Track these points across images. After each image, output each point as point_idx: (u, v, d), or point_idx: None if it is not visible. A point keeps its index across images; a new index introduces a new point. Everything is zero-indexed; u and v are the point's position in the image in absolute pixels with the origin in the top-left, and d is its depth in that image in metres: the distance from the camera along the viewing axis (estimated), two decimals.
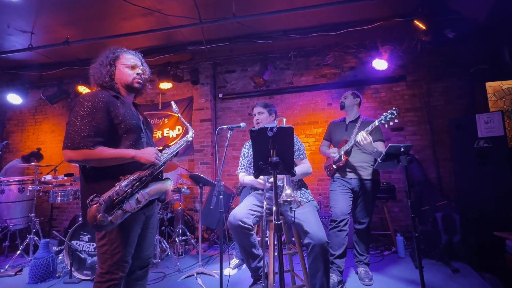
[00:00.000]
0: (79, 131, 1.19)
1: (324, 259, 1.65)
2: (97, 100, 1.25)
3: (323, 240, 1.64)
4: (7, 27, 3.33)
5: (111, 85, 1.39)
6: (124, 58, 1.42)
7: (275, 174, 1.09)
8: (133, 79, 1.41)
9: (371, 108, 4.09)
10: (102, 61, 1.41)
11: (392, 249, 3.19)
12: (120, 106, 1.33)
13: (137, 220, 1.33)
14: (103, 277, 1.28)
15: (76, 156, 1.20)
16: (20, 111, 5.32)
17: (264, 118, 2.09)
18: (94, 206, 1.11)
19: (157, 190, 1.35)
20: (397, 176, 3.90)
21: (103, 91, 1.34)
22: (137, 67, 1.44)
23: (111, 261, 1.26)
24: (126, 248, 1.29)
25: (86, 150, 1.19)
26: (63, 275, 2.76)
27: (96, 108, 1.23)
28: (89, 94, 1.28)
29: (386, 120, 2.07)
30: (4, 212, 3.43)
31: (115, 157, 1.25)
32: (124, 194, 1.19)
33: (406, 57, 3.91)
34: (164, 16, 3.19)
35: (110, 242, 1.26)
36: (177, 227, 3.43)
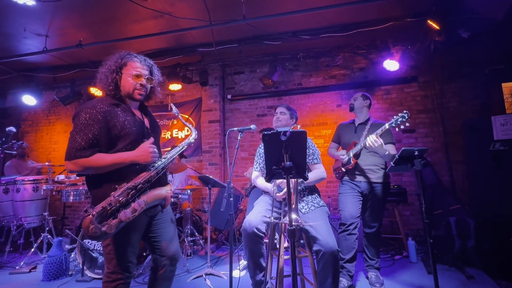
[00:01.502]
0: (75, 144, 1.21)
1: (334, 267, 1.63)
2: (95, 112, 1.26)
3: (334, 248, 1.61)
4: (23, 30, 3.42)
5: (115, 93, 1.38)
6: (130, 66, 1.40)
7: (288, 179, 1.08)
8: (134, 90, 1.38)
9: (382, 110, 4.03)
10: (110, 66, 1.39)
11: (403, 254, 3.13)
12: (120, 115, 1.32)
13: (139, 223, 1.33)
14: (109, 277, 1.31)
15: (74, 167, 1.22)
16: (35, 112, 5.47)
17: (285, 119, 2.09)
18: (87, 218, 1.13)
19: (155, 197, 1.34)
20: (408, 179, 3.83)
21: (103, 101, 1.33)
22: (142, 77, 1.40)
23: (115, 261, 1.29)
24: (128, 249, 1.32)
25: (82, 159, 1.21)
26: (75, 273, 2.82)
27: (93, 120, 1.24)
28: (88, 105, 1.29)
29: (397, 123, 2.03)
30: (19, 210, 3.53)
31: (113, 163, 1.25)
32: (118, 203, 1.19)
33: (418, 58, 3.83)
34: (175, 19, 3.22)
35: (113, 243, 1.29)
36: (185, 227, 3.45)
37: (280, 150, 1.11)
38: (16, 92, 4.94)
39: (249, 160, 4.44)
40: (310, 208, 1.88)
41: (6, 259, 3.34)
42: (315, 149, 2.07)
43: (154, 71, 1.49)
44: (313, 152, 2.04)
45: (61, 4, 2.83)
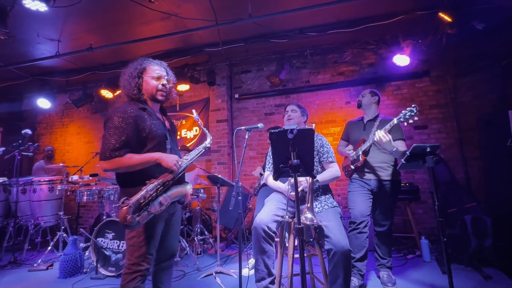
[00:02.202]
0: (109, 145, 1.34)
1: (345, 267, 1.60)
2: (126, 116, 1.38)
3: (346, 247, 1.59)
4: (36, 36, 3.53)
5: (139, 97, 1.50)
6: (150, 69, 1.52)
7: (296, 177, 1.07)
8: (157, 91, 1.51)
9: (392, 106, 3.94)
10: (131, 73, 1.51)
11: (416, 253, 3.06)
12: (147, 119, 1.45)
13: (161, 217, 1.46)
14: (130, 269, 1.40)
15: (109, 166, 1.35)
16: (49, 114, 5.65)
17: (297, 117, 2.07)
18: (124, 208, 1.26)
19: (178, 194, 1.47)
20: (421, 176, 3.73)
21: (131, 105, 1.46)
22: (162, 78, 1.53)
23: (138, 253, 1.40)
24: (151, 242, 1.42)
25: (116, 159, 1.34)
26: (90, 271, 2.90)
27: (125, 123, 1.37)
28: (119, 109, 1.41)
29: (406, 117, 1.98)
30: (36, 210, 3.66)
31: (141, 162, 1.38)
32: (149, 197, 1.33)
33: (430, 52, 3.72)
34: (182, 20, 3.25)
35: (138, 235, 1.40)
36: (195, 226, 3.49)
37: (287, 148, 1.10)
38: (31, 96, 5.11)
39: (257, 159, 4.43)
40: (323, 207, 1.87)
41: (24, 257, 3.47)
42: (329, 148, 2.04)
43: (169, 73, 1.61)
44: (327, 151, 2.01)
45: (72, 9, 2.90)
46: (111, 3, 2.96)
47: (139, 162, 1.37)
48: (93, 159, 4.43)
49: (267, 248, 1.76)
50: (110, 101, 5.01)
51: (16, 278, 2.87)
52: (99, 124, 5.36)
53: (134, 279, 1.39)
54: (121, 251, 2.79)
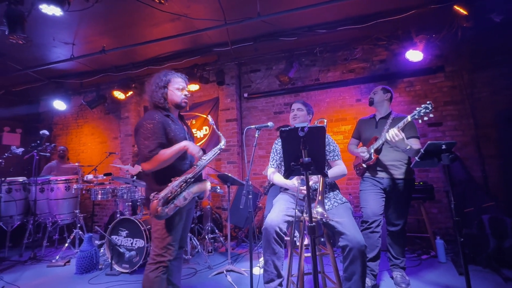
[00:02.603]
0: (146, 148, 1.55)
1: (361, 263, 1.58)
2: (156, 121, 1.60)
3: (362, 243, 1.57)
4: (52, 40, 3.65)
5: (164, 105, 1.70)
6: (174, 81, 1.74)
7: (307, 175, 1.06)
8: (181, 100, 1.74)
9: (405, 103, 3.85)
10: (157, 83, 1.71)
11: (431, 253, 2.98)
12: (171, 124, 1.66)
13: (182, 212, 1.64)
14: (154, 259, 1.58)
15: (150, 165, 1.56)
16: (65, 116, 5.84)
17: (303, 115, 2.06)
18: (155, 202, 1.47)
19: (198, 190, 1.66)
20: (435, 175, 3.63)
21: (158, 112, 1.66)
22: (185, 89, 1.77)
23: (162, 244, 1.57)
24: (173, 233, 1.60)
25: (154, 157, 1.54)
26: (105, 267, 2.98)
27: (156, 128, 1.58)
28: (148, 117, 1.62)
29: (420, 115, 1.92)
30: (53, 208, 3.79)
31: (174, 152, 1.58)
32: (175, 192, 1.54)
33: (444, 46, 3.61)
34: (191, 20, 3.28)
35: (162, 227, 1.57)
36: (206, 225, 3.53)
37: (298, 146, 1.09)
38: (48, 98, 5.28)
39: (266, 158, 4.43)
40: (333, 204, 1.85)
41: (43, 253, 3.61)
42: (335, 146, 2.03)
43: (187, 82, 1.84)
44: (333, 149, 1.99)
45: (85, 13, 2.97)
46: (122, 6, 3.02)
47: (173, 153, 1.57)
48: (106, 158, 4.55)
49: (277, 250, 1.75)
50: (122, 102, 5.12)
51: (36, 273, 2.99)
52: (112, 124, 5.50)
53: (157, 269, 1.56)
54: (134, 249, 2.85)
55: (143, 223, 2.89)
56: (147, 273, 1.56)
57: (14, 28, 2.50)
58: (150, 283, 1.54)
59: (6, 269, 3.13)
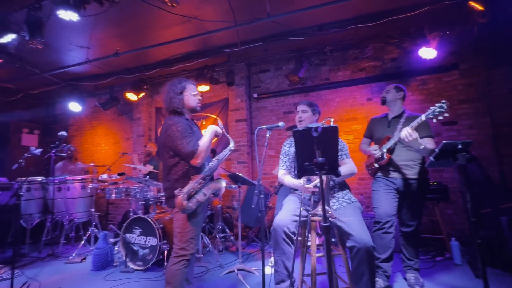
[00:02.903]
0: (189, 145, 1.70)
1: (369, 264, 1.57)
2: (183, 123, 1.77)
3: (369, 244, 1.55)
4: (68, 44, 3.77)
5: (182, 110, 1.86)
6: (189, 88, 1.90)
7: (321, 175, 1.06)
8: (196, 104, 1.92)
9: (417, 102, 3.77)
10: (174, 90, 1.86)
11: (446, 255, 2.91)
12: (192, 126, 1.84)
13: (201, 207, 1.79)
14: (177, 253, 1.71)
15: (199, 159, 1.71)
16: (79, 117, 6.01)
17: (308, 117, 2.03)
18: (180, 197, 1.66)
19: (215, 187, 1.83)
20: (450, 175, 3.54)
21: (179, 117, 1.82)
22: (198, 94, 1.95)
23: (185, 238, 1.71)
24: (195, 228, 1.75)
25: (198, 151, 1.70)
26: (119, 265, 3.06)
27: (185, 129, 1.74)
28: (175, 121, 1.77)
29: (434, 114, 1.88)
30: (70, 206, 3.92)
31: (209, 138, 1.78)
32: (196, 188, 1.72)
33: (458, 43, 3.52)
34: (201, 22, 3.32)
35: (184, 222, 1.72)
36: (217, 224, 3.57)
37: (311, 147, 1.10)
38: (64, 100, 5.46)
39: (276, 158, 4.43)
40: (341, 204, 1.83)
41: (61, 250, 3.74)
42: (343, 145, 2.00)
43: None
44: (341, 148, 1.96)
45: (99, 17, 3.06)
46: (135, 9, 3.09)
47: (209, 139, 1.77)
48: (119, 158, 4.67)
49: (286, 250, 1.75)
50: (134, 103, 5.24)
51: (54, 269, 3.11)
52: (125, 125, 5.63)
53: (179, 262, 1.69)
54: (147, 247, 2.92)
55: (156, 221, 2.95)
56: (170, 266, 1.69)
57: (33, 33, 2.61)
58: (172, 275, 1.68)
59: (27, 265, 3.27)
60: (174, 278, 1.67)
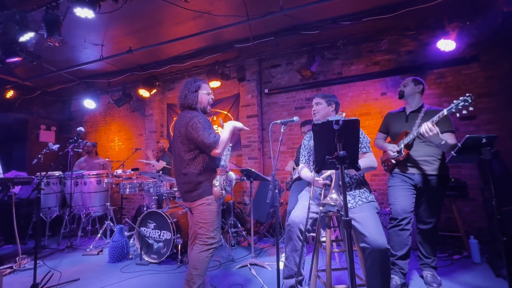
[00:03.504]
0: (210, 136, 1.78)
1: (383, 267, 1.52)
2: (202, 117, 1.86)
3: (383, 246, 1.50)
4: (83, 41, 3.85)
5: (196, 106, 1.95)
6: (203, 87, 2.01)
7: (342, 169, 1.04)
8: (207, 103, 2.02)
9: (434, 95, 3.66)
10: (189, 88, 1.96)
11: (464, 253, 2.84)
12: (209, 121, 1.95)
13: None
14: (206, 242, 1.81)
15: (220, 149, 1.80)
16: (94, 114, 6.16)
17: (321, 109, 1.99)
18: (217, 188, 1.81)
19: (230, 179, 1.96)
20: (468, 172, 3.43)
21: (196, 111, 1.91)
22: (211, 94, 2.05)
23: (212, 227, 1.82)
24: (219, 217, 1.89)
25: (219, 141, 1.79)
26: (135, 257, 3.14)
27: (205, 121, 1.84)
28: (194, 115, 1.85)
29: (458, 108, 1.81)
30: (87, 201, 4.04)
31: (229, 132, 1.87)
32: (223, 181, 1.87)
33: (479, 34, 3.36)
34: (213, 17, 3.31)
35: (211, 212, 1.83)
36: (229, 219, 3.59)
37: (331, 140, 1.07)
38: (79, 98, 5.60)
39: (287, 153, 4.41)
40: (357, 202, 1.77)
41: (78, 243, 3.87)
42: (364, 137, 1.91)
43: None
44: (361, 141, 1.88)
45: (113, 15, 3.10)
46: (148, 6, 3.12)
47: (229, 133, 1.85)
48: (133, 154, 4.76)
49: (298, 246, 1.74)
50: (147, 100, 5.31)
51: (73, 261, 3.21)
52: (137, 122, 5.72)
53: (208, 250, 1.80)
54: (162, 240, 2.97)
55: (170, 216, 3.00)
56: (198, 253, 1.79)
57: (51, 31, 2.67)
58: (200, 262, 1.78)
59: (47, 256, 3.40)
60: (202, 265, 1.78)
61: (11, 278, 2.71)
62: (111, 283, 2.51)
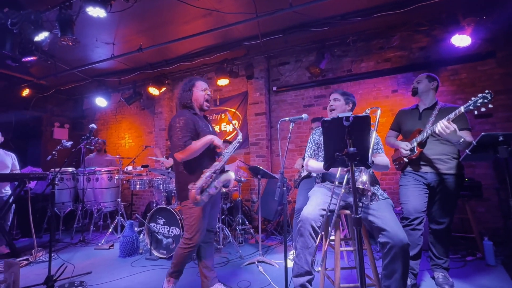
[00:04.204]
0: (181, 139, 1.80)
1: (404, 262, 1.50)
2: (186, 118, 1.87)
3: (404, 241, 1.48)
4: (95, 40, 3.92)
5: (191, 105, 1.99)
6: (198, 84, 2.02)
7: (352, 166, 1.03)
8: (204, 100, 2.01)
9: (448, 93, 3.56)
10: (184, 88, 2.01)
11: (477, 255, 2.76)
12: (199, 121, 1.94)
13: (211, 200, 1.89)
14: (185, 242, 1.86)
15: (183, 154, 1.79)
16: (105, 112, 6.28)
17: (339, 106, 1.95)
18: (193, 191, 1.73)
19: (225, 179, 1.92)
20: (483, 171, 3.33)
21: (187, 112, 1.93)
22: (207, 90, 2.03)
23: (191, 230, 1.83)
24: (202, 221, 1.86)
25: (187, 147, 1.79)
26: (144, 252, 3.20)
27: (187, 123, 1.85)
28: (180, 115, 1.88)
29: (476, 105, 1.75)
30: (98, 196, 4.14)
31: (203, 144, 1.83)
32: (208, 182, 1.80)
33: (496, 29, 3.25)
34: (222, 15, 3.32)
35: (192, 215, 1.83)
36: (236, 216, 3.61)
37: (341, 137, 1.06)
38: (91, 96, 5.72)
39: (296, 151, 4.39)
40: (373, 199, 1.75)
41: (90, 237, 3.97)
42: (378, 139, 1.89)
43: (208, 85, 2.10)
44: (377, 142, 1.87)
45: (124, 13, 3.15)
46: (158, 4, 3.15)
47: (202, 144, 1.82)
48: (143, 151, 4.83)
49: (310, 244, 1.71)
50: (156, 98, 5.38)
51: (85, 254, 3.30)
52: (147, 119, 5.81)
53: (186, 248, 1.87)
54: (170, 236, 3.02)
55: (179, 212, 3.04)
56: (178, 247, 1.91)
57: (65, 30, 2.73)
58: (177, 256, 1.91)
59: (61, 249, 3.50)
60: (177, 258, 1.92)
61: (27, 270, 2.81)
62: (122, 276, 2.56)
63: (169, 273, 1.99)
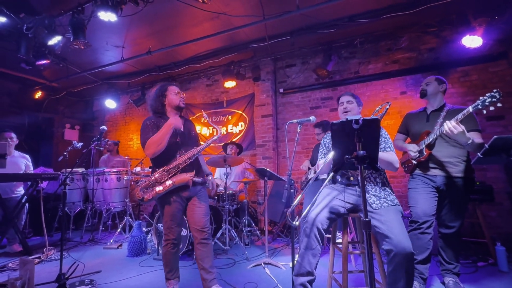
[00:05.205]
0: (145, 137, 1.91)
1: (407, 271, 1.47)
2: (152, 121, 1.98)
3: (408, 250, 1.44)
4: (105, 44, 4.01)
5: (162, 110, 2.06)
6: (170, 89, 2.10)
7: (362, 169, 1.03)
8: (179, 101, 2.10)
9: (458, 95, 3.50)
10: (156, 93, 2.07)
11: (489, 261, 2.69)
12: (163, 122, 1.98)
13: (174, 200, 1.95)
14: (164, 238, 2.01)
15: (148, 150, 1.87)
16: (114, 114, 6.40)
17: (354, 108, 1.93)
18: (137, 188, 1.90)
19: (181, 180, 1.91)
20: (495, 175, 3.25)
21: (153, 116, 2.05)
22: (180, 93, 2.13)
23: (165, 225, 1.98)
24: (170, 218, 1.96)
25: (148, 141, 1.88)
26: (152, 252, 3.23)
27: (152, 125, 1.96)
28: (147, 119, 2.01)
29: (485, 104, 1.72)
30: (107, 196, 4.21)
31: (163, 133, 1.88)
32: (154, 181, 1.89)
33: (508, 29, 3.18)
34: (229, 18, 3.35)
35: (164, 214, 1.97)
36: (243, 218, 3.62)
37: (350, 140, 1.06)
38: (100, 98, 5.84)
39: (302, 153, 4.38)
40: (382, 204, 1.69)
41: (100, 236, 4.04)
42: (387, 137, 1.85)
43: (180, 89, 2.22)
44: (385, 140, 1.82)
45: (134, 17, 3.21)
46: (167, 8, 3.20)
47: (163, 133, 1.88)
48: None
49: (314, 245, 1.70)
50: None
51: (95, 253, 3.36)
52: None
53: (167, 245, 1.99)
54: None
55: None
56: (162, 247, 2.03)
57: (77, 34, 2.81)
58: (164, 256, 2.03)
59: (71, 248, 3.58)
60: (164, 258, 2.03)
61: (39, 268, 2.88)
62: (130, 276, 2.60)
63: (165, 276, 2.06)
